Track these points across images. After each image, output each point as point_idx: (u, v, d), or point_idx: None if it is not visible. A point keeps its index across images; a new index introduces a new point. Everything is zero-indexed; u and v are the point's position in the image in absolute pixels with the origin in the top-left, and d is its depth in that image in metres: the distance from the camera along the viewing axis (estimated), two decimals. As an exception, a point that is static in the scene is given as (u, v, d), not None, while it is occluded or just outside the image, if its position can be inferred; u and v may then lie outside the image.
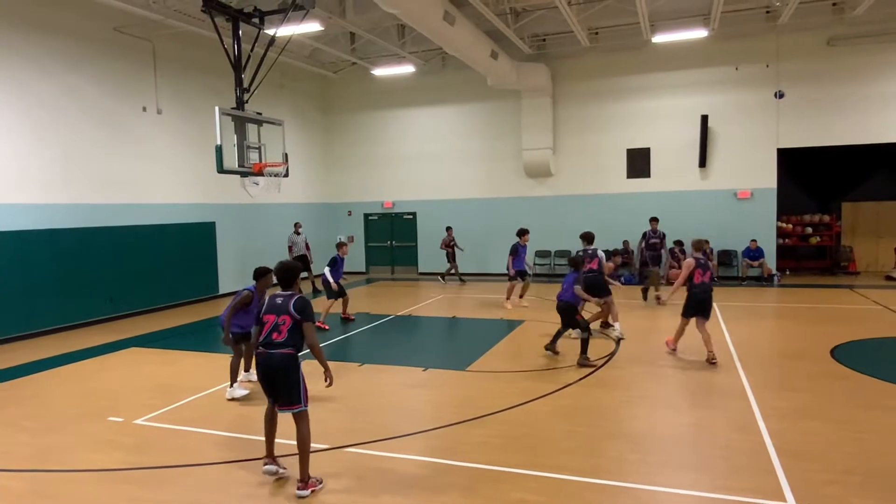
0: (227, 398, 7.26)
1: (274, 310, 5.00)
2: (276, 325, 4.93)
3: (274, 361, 4.92)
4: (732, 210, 16.73)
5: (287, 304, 4.96)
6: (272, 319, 4.96)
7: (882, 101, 15.49)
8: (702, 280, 8.43)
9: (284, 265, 5.21)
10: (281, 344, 4.91)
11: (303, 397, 4.97)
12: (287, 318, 4.92)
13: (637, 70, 17.39)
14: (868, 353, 8.75)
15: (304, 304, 4.96)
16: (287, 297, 5.02)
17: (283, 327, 4.91)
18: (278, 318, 4.94)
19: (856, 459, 5.23)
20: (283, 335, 4.91)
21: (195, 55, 14.95)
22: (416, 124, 19.97)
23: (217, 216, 15.83)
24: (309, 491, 4.87)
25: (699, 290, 8.44)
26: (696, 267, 8.45)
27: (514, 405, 6.82)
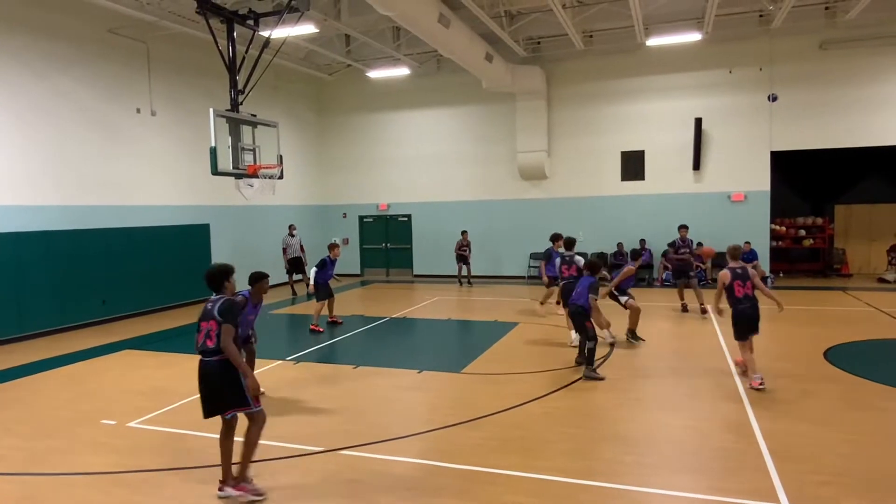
0: None
1: (204, 316, 4.91)
2: (207, 332, 4.84)
3: (210, 368, 4.84)
4: (726, 213, 16.81)
5: (213, 309, 4.86)
6: (205, 326, 4.88)
7: (874, 104, 15.60)
8: (744, 292, 7.27)
9: (210, 269, 5.12)
10: (214, 350, 4.81)
11: (250, 398, 4.85)
12: (214, 324, 4.82)
13: (631, 73, 17.45)
14: (861, 354, 8.80)
15: (226, 307, 4.86)
16: (214, 301, 4.93)
17: (213, 332, 4.81)
18: (208, 325, 4.85)
19: (849, 461, 5.25)
20: (214, 341, 4.80)
21: (189, 57, 14.93)
22: (411, 126, 19.98)
23: (211, 218, 15.79)
24: (236, 493, 4.77)
25: (746, 305, 7.24)
26: (732, 279, 7.27)
27: (509, 407, 6.83)
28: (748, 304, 7.29)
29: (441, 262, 19.19)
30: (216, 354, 4.81)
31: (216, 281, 5.09)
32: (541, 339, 10.37)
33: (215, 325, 4.82)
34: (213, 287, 5.09)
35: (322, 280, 11.55)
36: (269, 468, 5.43)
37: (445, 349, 10.53)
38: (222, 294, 5.04)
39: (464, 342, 11.11)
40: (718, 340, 9.89)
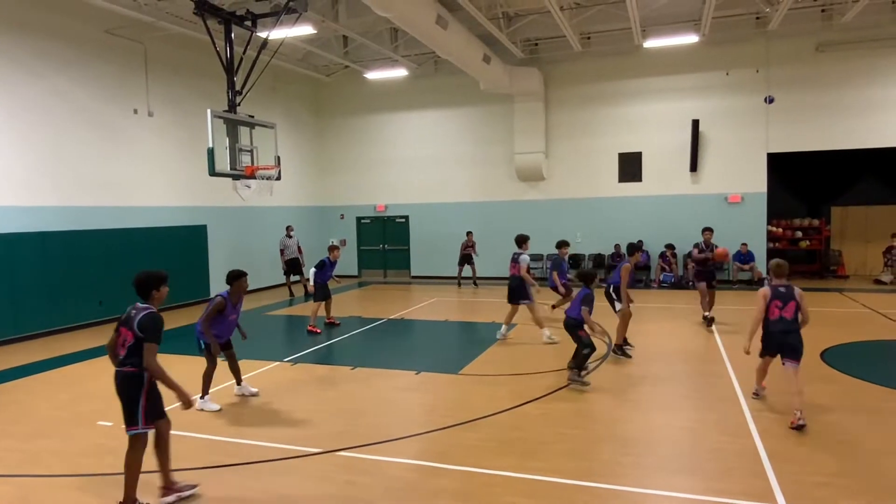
0: (198, 408, 6.93)
1: (124, 322, 4.67)
2: (123, 341, 4.63)
3: (117, 379, 4.66)
4: (723, 214, 16.83)
5: (133, 319, 4.61)
6: (123, 332, 4.65)
7: (870, 106, 15.65)
8: (780, 315, 6.36)
9: (139, 275, 4.81)
10: (121, 361, 4.63)
11: (140, 419, 4.60)
12: (130, 335, 4.58)
13: (629, 75, 17.48)
14: (857, 356, 8.82)
15: (147, 321, 4.57)
16: (138, 310, 4.66)
17: (127, 343, 4.59)
18: (125, 334, 4.62)
19: (846, 462, 5.26)
20: (124, 352, 4.61)
21: (187, 57, 14.91)
22: (408, 128, 19.98)
23: (208, 219, 15.77)
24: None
25: (776, 328, 6.38)
26: (772, 298, 6.41)
27: (507, 408, 6.83)
28: (777, 327, 6.37)
29: (439, 263, 19.19)
30: (123, 366, 4.62)
31: (144, 288, 4.76)
32: (538, 340, 10.38)
33: (132, 336, 4.57)
34: (141, 294, 4.76)
35: (321, 281, 11.55)
36: (266, 469, 5.42)
37: (443, 350, 10.52)
38: (149, 304, 4.74)
39: (462, 343, 11.10)
40: (715, 341, 9.90)
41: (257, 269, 17.53)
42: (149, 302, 4.77)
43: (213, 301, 7.11)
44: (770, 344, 6.58)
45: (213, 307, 7.00)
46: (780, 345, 6.44)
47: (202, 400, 7.09)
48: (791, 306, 6.36)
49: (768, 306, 6.43)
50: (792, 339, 6.35)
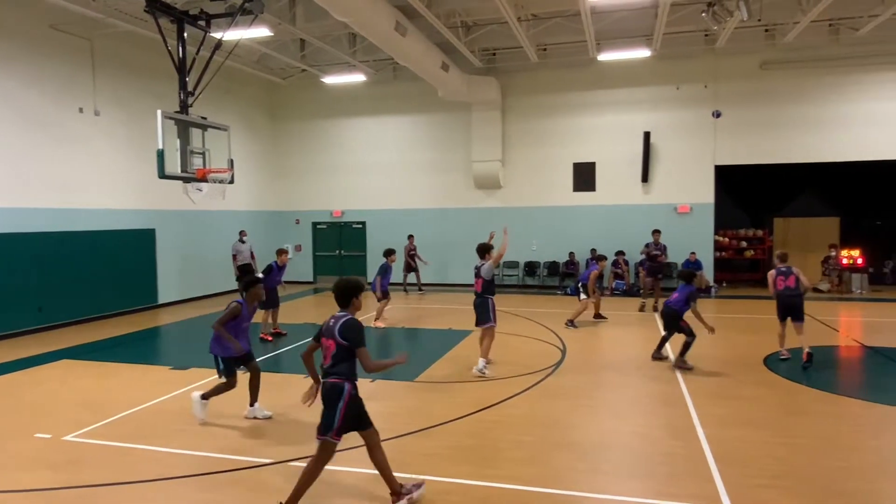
0: (248, 416, 6.83)
1: (325, 332, 4.66)
2: (326, 350, 4.64)
3: (325, 388, 4.64)
4: (673, 224, 17.32)
5: (334, 327, 4.59)
6: (325, 343, 4.65)
7: (810, 123, 16.41)
8: (785, 285, 9.13)
9: (341, 282, 4.80)
10: (327, 371, 4.61)
11: (336, 429, 4.57)
12: (332, 343, 4.58)
13: (584, 86, 17.86)
14: (797, 361, 9.17)
15: (347, 329, 4.55)
16: (336, 319, 4.63)
17: (328, 352, 4.60)
18: (327, 342, 4.62)
19: (787, 464, 5.47)
20: (329, 361, 4.60)
21: (137, 56, 14.46)
22: (366, 133, 19.88)
23: (157, 223, 15.29)
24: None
25: (783, 295, 9.13)
26: (777, 275, 9.25)
27: (463, 415, 6.83)
28: (784, 294, 9.11)
29: (396, 269, 19.05)
30: (328, 376, 4.61)
31: (345, 296, 4.75)
32: (494, 347, 10.43)
33: (333, 345, 4.57)
34: (341, 302, 4.75)
35: (269, 286, 11.15)
36: (214, 482, 5.27)
37: (399, 357, 10.45)
38: (347, 311, 4.72)
39: (418, 350, 11.06)
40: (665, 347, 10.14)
41: (208, 275, 17.12)
42: (348, 310, 4.74)
43: (228, 306, 6.73)
44: (781, 309, 9.16)
45: (230, 311, 6.61)
46: (788, 307, 9.06)
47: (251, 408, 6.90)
48: (791, 279, 9.09)
49: (776, 280, 9.16)
50: (796, 301, 9.03)
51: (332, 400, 4.58)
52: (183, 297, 16.28)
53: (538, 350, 10.16)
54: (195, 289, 16.74)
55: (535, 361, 9.30)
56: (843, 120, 16.21)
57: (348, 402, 4.58)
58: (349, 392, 4.59)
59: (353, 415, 4.64)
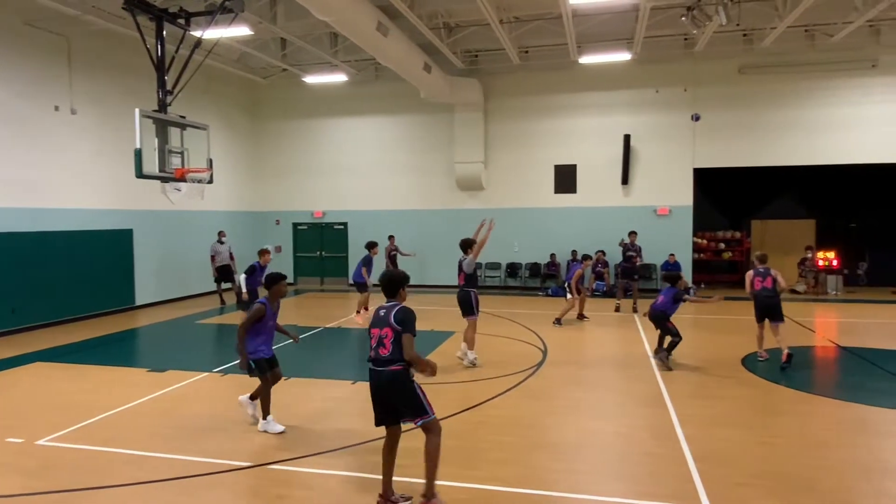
0: (260, 429, 6.43)
1: (378, 322, 4.72)
2: (381, 340, 4.66)
3: (383, 379, 4.64)
4: (652, 226, 17.50)
5: (387, 316, 4.67)
6: (376, 333, 4.69)
7: (786, 126, 16.69)
8: (762, 286, 9.21)
9: (388, 274, 4.97)
10: (387, 360, 4.62)
11: (427, 407, 4.67)
12: (389, 331, 4.64)
13: (565, 89, 17.97)
14: (775, 361, 9.31)
15: (403, 315, 4.66)
16: (389, 308, 4.74)
17: (387, 340, 4.63)
18: (381, 332, 4.67)
19: (765, 463, 5.54)
20: (388, 349, 4.63)
21: (114, 54, 14.24)
22: (348, 134, 19.79)
23: (135, 223, 15.06)
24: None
25: (760, 296, 9.21)
26: (754, 276, 9.33)
27: (444, 417, 6.81)
28: (759, 295, 9.21)
29: (378, 270, 19.00)
30: (389, 364, 4.61)
31: (393, 287, 4.87)
32: (476, 348, 10.43)
33: (391, 332, 4.61)
34: (389, 293, 4.87)
35: (251, 287, 11.08)
36: (193, 485, 5.19)
37: (380, 359, 10.40)
38: (395, 301, 4.81)
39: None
40: (644, 348, 10.24)
41: (187, 276, 16.91)
42: (396, 299, 4.84)
43: (251, 308, 6.46)
44: (758, 310, 9.22)
45: (253, 314, 6.32)
46: (765, 308, 9.14)
47: (264, 421, 6.46)
48: (769, 280, 9.18)
49: (753, 281, 9.23)
50: (772, 302, 9.11)
51: (399, 386, 4.63)
52: (161, 299, 16.05)
53: (520, 351, 10.19)
54: (173, 290, 16.52)
55: (516, 362, 9.32)
56: (819, 124, 16.51)
57: (417, 384, 4.71)
58: (412, 377, 4.70)
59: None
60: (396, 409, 4.71)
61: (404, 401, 4.66)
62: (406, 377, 4.66)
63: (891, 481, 5.20)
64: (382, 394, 4.70)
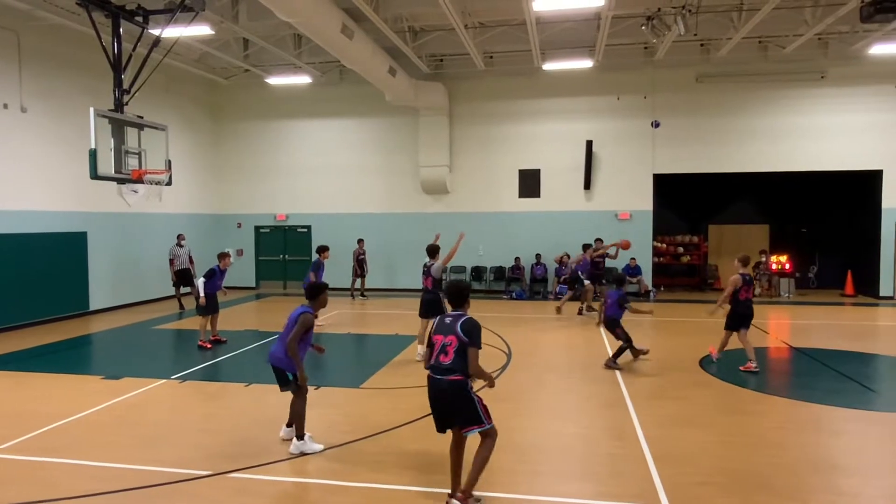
0: (293, 451, 5.88)
1: (442, 329, 4.74)
2: (443, 348, 4.68)
3: (442, 387, 4.68)
4: (614, 230, 17.76)
5: (454, 325, 4.69)
6: (440, 340, 4.71)
7: (742, 134, 17.21)
8: (746, 297, 8.82)
9: (456, 284, 5.02)
10: (448, 369, 4.65)
11: (482, 416, 4.71)
12: (454, 339, 4.67)
13: (529, 95, 18.16)
14: (731, 363, 9.57)
15: (471, 327, 4.69)
16: (455, 317, 4.77)
17: (450, 349, 4.66)
18: (446, 339, 4.70)
19: (722, 462, 5.68)
20: (450, 357, 4.65)
21: (68, 51, 13.79)
22: (312, 136, 19.59)
23: (89, 225, 14.59)
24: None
25: (743, 307, 8.84)
26: (742, 284, 8.80)
27: (408, 421, 6.79)
28: (744, 306, 8.89)
29: (343, 275, 18.85)
30: (449, 373, 4.64)
31: (460, 297, 4.92)
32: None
33: (455, 341, 4.64)
34: (456, 303, 4.91)
35: (210, 291, 10.79)
36: (148, 496, 5.04)
37: (344, 364, 10.32)
38: (462, 311, 4.85)
39: (363, 356, 10.95)
40: (606, 350, 10.39)
41: (144, 280, 16.48)
42: (462, 309, 4.89)
43: (294, 318, 5.88)
44: (735, 319, 8.94)
45: (303, 324, 5.79)
46: (743, 318, 8.89)
47: (300, 442, 5.91)
48: (751, 290, 8.96)
49: (739, 289, 8.78)
50: (752, 312, 8.98)
51: (457, 395, 4.68)
52: (116, 304, 15.58)
53: (483, 353, 10.19)
54: (129, 294, 16.06)
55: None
56: (772, 132, 17.07)
57: (475, 394, 4.76)
58: (471, 386, 4.75)
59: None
60: (451, 416, 4.77)
61: (459, 409, 4.72)
62: (465, 386, 4.71)
63: (840, 477, 5.39)
64: (440, 401, 4.75)
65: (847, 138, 16.72)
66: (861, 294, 17.40)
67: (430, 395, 4.80)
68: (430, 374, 4.78)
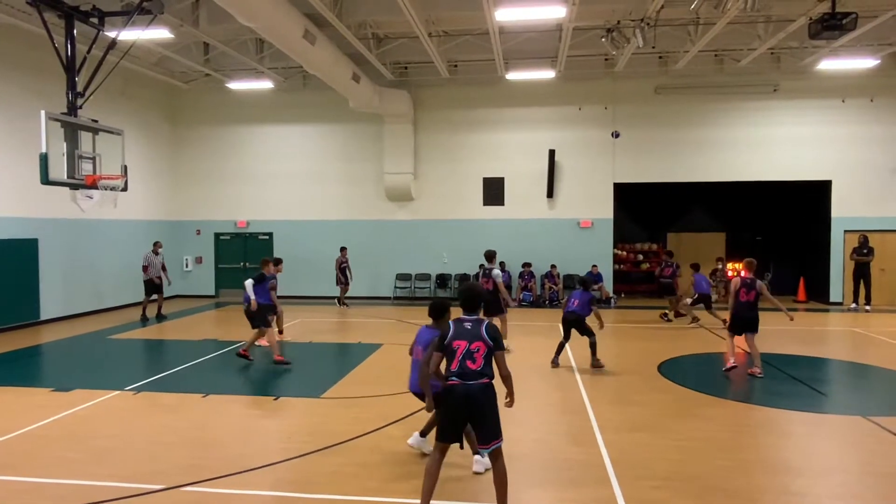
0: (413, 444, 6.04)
1: (464, 335, 4.66)
2: (470, 353, 4.58)
3: (475, 391, 4.58)
4: (576, 238, 18.07)
5: (478, 330, 4.67)
6: (463, 346, 4.62)
7: (699, 144, 17.69)
8: (746, 298, 8.85)
9: (471, 288, 4.97)
10: (478, 373, 4.59)
11: (500, 429, 4.70)
12: (482, 345, 4.63)
13: (493, 104, 18.33)
14: (688, 367, 9.78)
15: (494, 332, 4.74)
16: (473, 322, 4.73)
17: (478, 355, 4.59)
18: (472, 345, 4.61)
19: (678, 465, 5.79)
20: (479, 363, 4.59)
21: (18, 51, 13.34)
22: (274, 142, 19.35)
23: (40, 232, 14.10)
24: None
25: (743, 308, 8.88)
26: (741, 286, 8.89)
27: (369, 431, 6.73)
28: (745, 308, 8.91)
29: (305, 282, 18.66)
30: (480, 377, 4.60)
31: (477, 301, 4.94)
32: (404, 360, 10.37)
33: (483, 346, 4.61)
34: (471, 307, 4.85)
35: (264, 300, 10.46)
36: (98, 512, 4.88)
37: (305, 374, 10.16)
38: (476, 315, 4.82)
39: (325, 366, 10.82)
40: (568, 355, 10.50)
41: (99, 289, 15.98)
42: (476, 314, 4.86)
43: (424, 338, 5.63)
44: (738, 323, 9.00)
45: (435, 344, 5.07)
46: (747, 322, 8.89)
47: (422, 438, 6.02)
48: (753, 293, 8.83)
49: (738, 291, 8.82)
50: (753, 315, 8.88)
51: (490, 400, 4.64)
52: (69, 313, 15.06)
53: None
54: (84, 303, 15.55)
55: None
56: (728, 142, 17.59)
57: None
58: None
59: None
60: (478, 423, 4.66)
61: (487, 417, 4.64)
62: (494, 392, 4.69)
63: (793, 478, 5.54)
64: (472, 408, 4.63)
65: (798, 149, 17.34)
66: (812, 300, 18.01)
67: (457, 401, 4.60)
68: (458, 380, 4.58)
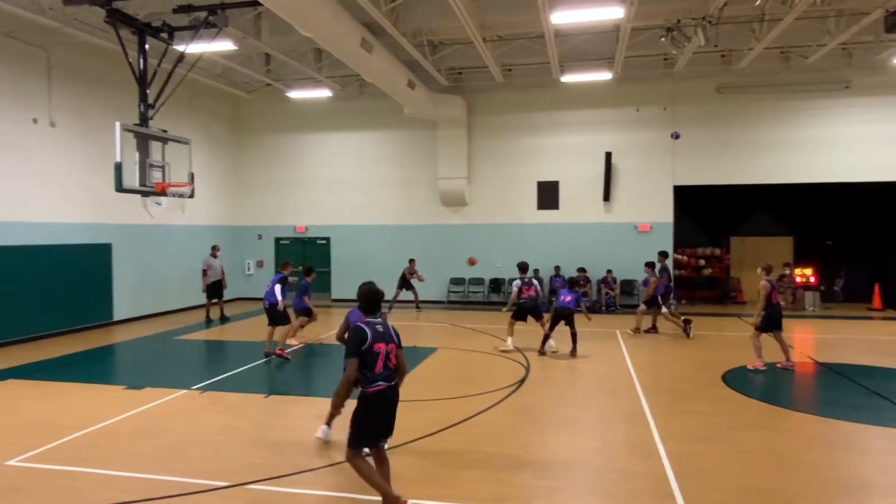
0: None
1: (383, 337, 4.71)
2: (387, 355, 4.70)
3: (393, 393, 4.77)
4: (633, 242, 17.66)
5: (390, 331, 4.79)
6: (382, 348, 4.68)
7: (763, 144, 17.01)
8: (777, 300, 9.96)
9: (370, 290, 4.87)
10: (391, 375, 4.75)
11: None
12: (394, 347, 4.77)
13: (547, 107, 18.17)
14: (754, 378, 9.40)
15: (397, 331, 4.91)
16: (386, 324, 4.84)
17: (392, 355, 4.74)
18: (387, 347, 4.71)
19: (743, 478, 5.56)
20: (394, 363, 4.75)
21: (95, 67, 14.13)
22: (331, 149, 19.79)
23: (114, 237, 14.86)
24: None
25: (775, 310, 9.87)
26: (772, 289, 9.80)
27: (426, 435, 6.76)
28: (776, 309, 9.93)
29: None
30: (394, 377, 4.76)
31: (379, 303, 4.89)
32: (459, 364, 10.41)
33: (395, 347, 4.76)
34: (374, 309, 4.86)
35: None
36: (168, 506, 5.08)
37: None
38: (378, 317, 4.87)
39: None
40: (626, 363, 10.28)
41: (166, 291, 16.69)
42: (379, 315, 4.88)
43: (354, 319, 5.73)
44: (771, 322, 9.84)
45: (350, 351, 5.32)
46: (776, 320, 9.83)
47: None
48: (775, 294, 9.88)
49: (770, 294, 9.69)
50: (781, 314, 10.01)
51: (396, 403, 4.82)
52: (139, 314, 15.80)
53: (503, 367, 10.16)
54: (152, 305, 16.29)
55: (499, 379, 9.30)
56: (795, 143, 16.85)
57: None
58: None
59: None
60: (391, 420, 4.83)
61: (389, 414, 4.80)
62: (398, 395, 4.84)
63: (869, 497, 5.24)
64: (393, 407, 4.80)
65: (872, 148, 16.44)
66: (889, 308, 17.01)
67: (382, 404, 4.71)
68: (385, 384, 4.67)
